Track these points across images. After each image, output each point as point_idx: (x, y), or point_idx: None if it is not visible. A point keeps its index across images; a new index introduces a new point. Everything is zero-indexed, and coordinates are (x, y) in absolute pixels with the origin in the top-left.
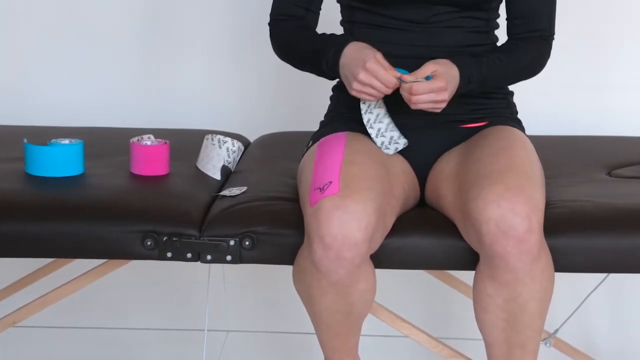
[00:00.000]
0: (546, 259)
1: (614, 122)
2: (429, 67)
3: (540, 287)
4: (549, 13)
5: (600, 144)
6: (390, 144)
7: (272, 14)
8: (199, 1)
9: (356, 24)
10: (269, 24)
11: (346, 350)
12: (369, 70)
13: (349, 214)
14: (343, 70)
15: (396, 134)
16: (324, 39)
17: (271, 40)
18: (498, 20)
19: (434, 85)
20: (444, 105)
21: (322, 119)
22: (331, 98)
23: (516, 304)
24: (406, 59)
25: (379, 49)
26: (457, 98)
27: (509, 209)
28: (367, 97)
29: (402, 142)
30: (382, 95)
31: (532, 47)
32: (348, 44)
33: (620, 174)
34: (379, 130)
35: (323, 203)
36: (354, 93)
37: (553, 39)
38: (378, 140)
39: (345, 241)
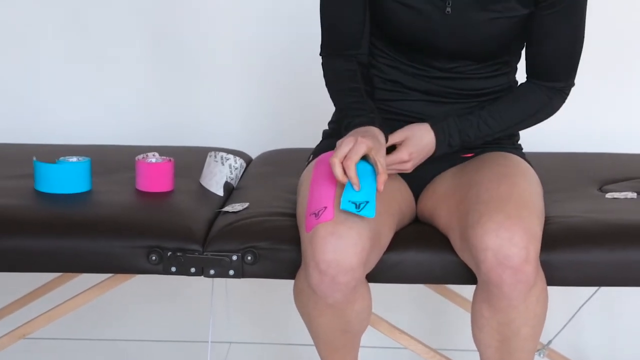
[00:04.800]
0: (541, 286)
1: (604, 140)
2: (399, 135)
3: (534, 314)
4: (572, 64)
5: (592, 161)
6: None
7: (323, 48)
8: (204, 23)
9: (376, 48)
10: (321, 55)
11: None
12: (339, 148)
13: (343, 240)
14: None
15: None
16: (364, 109)
17: (323, 72)
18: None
19: (396, 158)
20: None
21: (326, 128)
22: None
23: (509, 328)
24: (419, 93)
25: (395, 78)
26: None
27: (508, 239)
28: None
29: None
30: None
31: (543, 100)
32: (372, 127)
33: (610, 189)
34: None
35: (318, 229)
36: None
37: (573, 85)
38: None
39: (340, 267)
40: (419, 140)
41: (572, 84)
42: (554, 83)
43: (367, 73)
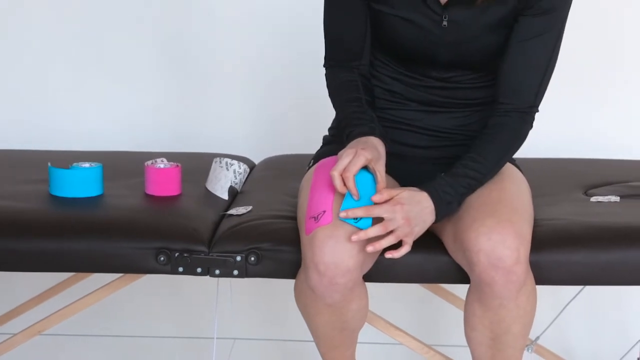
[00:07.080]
0: (530, 285)
1: (589, 146)
2: (387, 194)
3: (524, 312)
4: (541, 83)
5: (577, 166)
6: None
7: (326, 60)
8: (211, 34)
9: (377, 60)
10: (325, 66)
11: (344, 359)
12: (340, 161)
13: (341, 243)
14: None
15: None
16: (365, 118)
17: (326, 83)
18: None
19: (373, 233)
20: (407, 239)
21: (326, 134)
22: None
23: (500, 326)
24: (417, 103)
25: (395, 89)
26: (454, 137)
27: (500, 242)
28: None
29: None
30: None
31: (512, 131)
32: (372, 136)
33: (595, 193)
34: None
35: (317, 232)
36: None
37: (537, 111)
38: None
39: (338, 269)
40: (416, 200)
41: (537, 110)
42: (520, 104)
43: (369, 84)
